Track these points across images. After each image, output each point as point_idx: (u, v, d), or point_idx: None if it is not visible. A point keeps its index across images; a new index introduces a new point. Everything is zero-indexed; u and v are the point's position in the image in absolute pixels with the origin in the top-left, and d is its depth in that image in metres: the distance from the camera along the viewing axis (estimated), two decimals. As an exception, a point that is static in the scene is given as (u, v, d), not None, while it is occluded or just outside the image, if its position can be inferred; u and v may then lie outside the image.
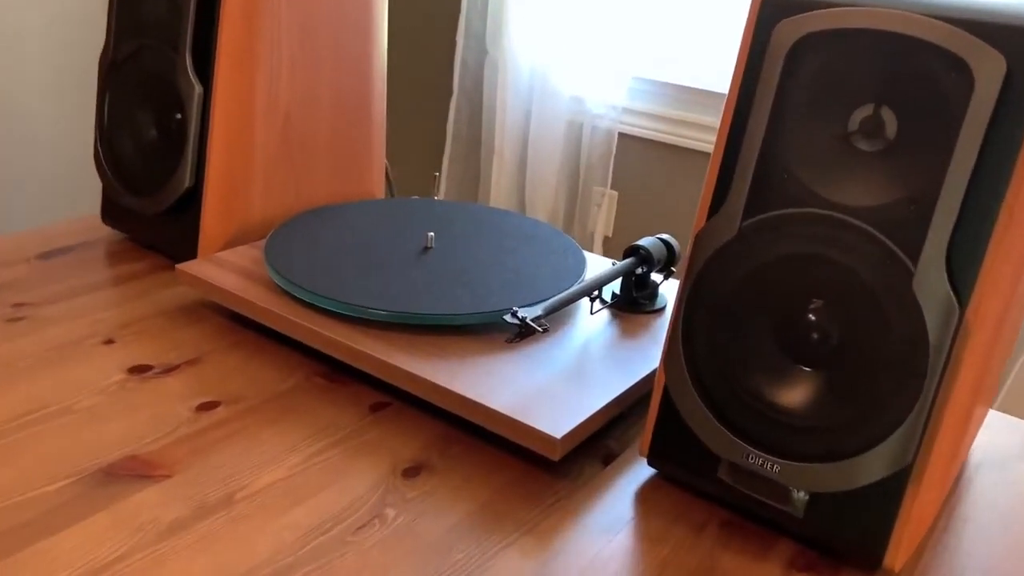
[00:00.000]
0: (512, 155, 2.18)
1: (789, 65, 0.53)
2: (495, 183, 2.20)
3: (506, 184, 2.20)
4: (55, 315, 0.79)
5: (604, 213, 2.14)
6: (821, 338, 0.56)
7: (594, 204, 2.15)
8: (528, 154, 2.15)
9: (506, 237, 0.88)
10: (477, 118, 2.25)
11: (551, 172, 2.14)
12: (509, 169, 2.19)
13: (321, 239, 0.84)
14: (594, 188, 2.13)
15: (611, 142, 2.06)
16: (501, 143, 2.16)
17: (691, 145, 2.00)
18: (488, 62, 2.15)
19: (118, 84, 0.92)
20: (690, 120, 1.98)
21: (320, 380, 0.73)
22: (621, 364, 0.70)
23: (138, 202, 0.91)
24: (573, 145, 2.12)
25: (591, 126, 2.07)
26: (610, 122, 2.04)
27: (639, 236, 2.14)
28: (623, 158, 2.10)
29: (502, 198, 2.22)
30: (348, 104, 0.97)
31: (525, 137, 2.16)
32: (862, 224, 0.52)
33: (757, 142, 0.55)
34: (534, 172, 2.15)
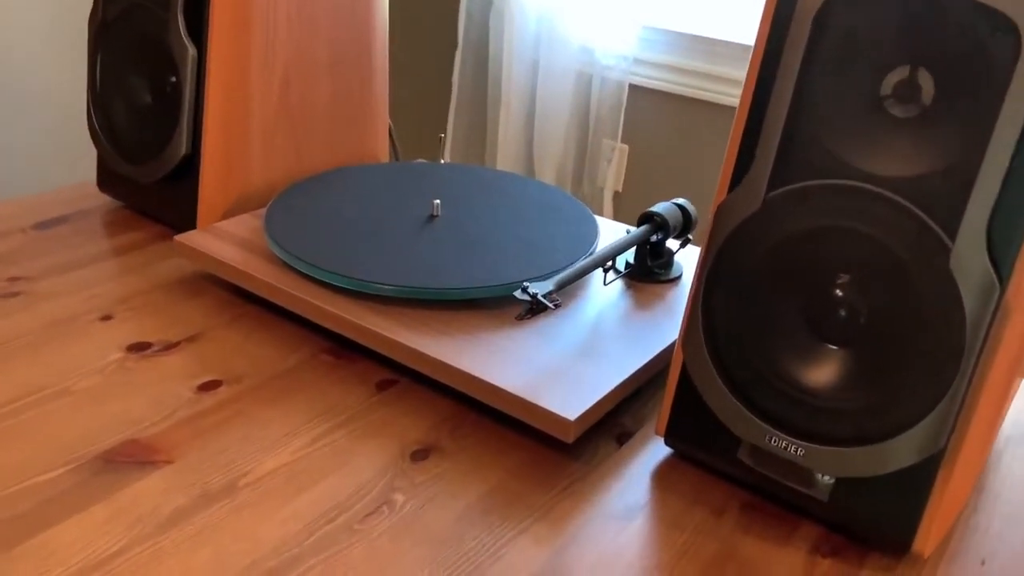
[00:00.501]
0: (519, 109, 2.13)
1: (818, 26, 0.50)
2: (502, 138, 2.16)
3: (513, 138, 2.15)
4: (51, 289, 0.77)
5: (614, 168, 2.10)
6: (849, 315, 0.53)
7: (604, 158, 2.10)
8: (536, 107, 2.10)
9: (515, 203, 0.85)
10: (483, 71, 2.19)
11: (559, 126, 2.09)
12: (516, 123, 2.14)
13: (322, 207, 0.81)
14: (604, 141, 2.08)
15: (621, 94, 2.01)
16: (508, 96, 2.11)
17: (704, 96, 1.94)
18: (494, 12, 2.09)
19: (109, 46, 0.88)
20: (703, 71, 1.93)
21: (326, 357, 0.70)
22: (636, 339, 0.68)
23: (134, 170, 0.88)
24: (582, 97, 2.07)
25: (601, 77, 2.01)
26: (620, 73, 1.98)
27: (650, 191, 2.10)
28: (634, 110, 2.05)
29: (509, 153, 2.17)
30: (348, 62, 0.93)
31: (532, 90, 2.11)
32: (895, 196, 0.49)
33: (783, 109, 0.51)
34: (542, 126, 2.10)
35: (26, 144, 2.14)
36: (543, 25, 2.04)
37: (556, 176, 2.14)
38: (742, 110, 0.53)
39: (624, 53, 1.96)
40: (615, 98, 2.02)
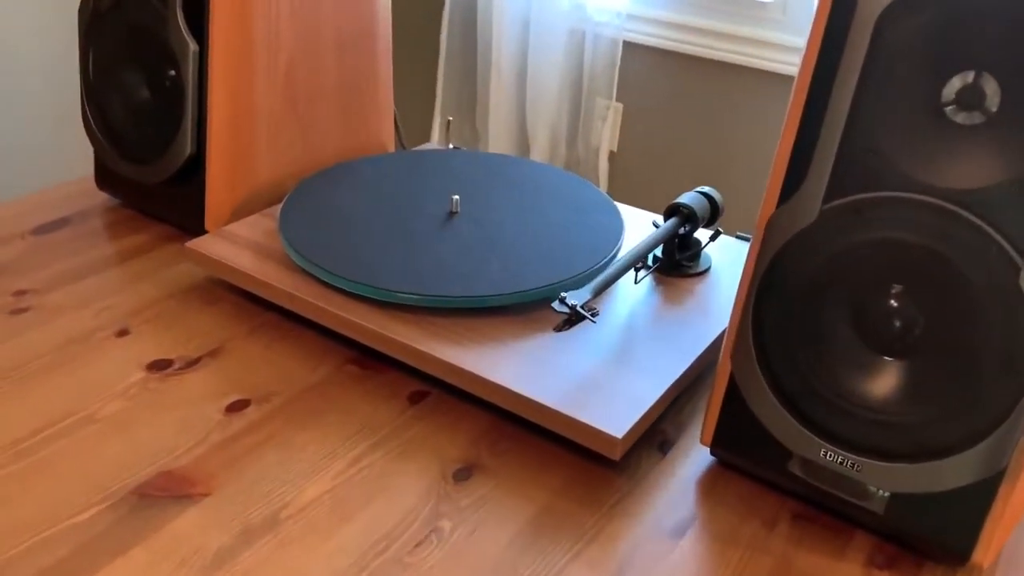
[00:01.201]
0: (510, 69, 2.08)
1: (877, 34, 0.47)
2: (493, 99, 2.11)
3: (505, 99, 2.11)
4: (61, 303, 0.74)
5: (609, 127, 2.06)
6: (906, 326, 0.51)
7: (598, 118, 2.06)
8: (528, 67, 2.05)
9: (533, 193, 0.83)
10: (471, 29, 2.14)
11: (552, 86, 2.04)
12: (508, 82, 2.09)
13: (336, 206, 0.78)
14: (598, 100, 2.04)
15: (615, 51, 1.96)
16: (498, 56, 2.06)
17: (700, 53, 1.90)
18: (482, -31, 2.03)
19: (101, 39, 0.84)
20: (699, 26, 1.88)
21: (352, 368, 0.68)
22: (672, 341, 0.66)
23: (136, 170, 0.84)
24: (575, 56, 2.02)
25: (594, 34, 1.97)
26: (614, 30, 1.94)
27: (646, 151, 2.07)
28: (628, 68, 2.01)
29: (501, 113, 2.13)
30: (353, 46, 0.89)
31: (524, 48, 2.06)
32: (959, 210, 0.47)
33: (841, 120, 0.49)
34: (534, 85, 2.06)
35: (18, 134, 2.06)
36: (533, -18, 1.98)
37: (550, 137, 2.10)
38: (792, 119, 0.51)
39: (617, 9, 1.91)
40: (609, 56, 1.97)
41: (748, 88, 1.89)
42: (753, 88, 1.88)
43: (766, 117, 1.88)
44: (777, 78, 1.84)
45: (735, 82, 1.90)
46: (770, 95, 1.86)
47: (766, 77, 1.86)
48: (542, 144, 2.11)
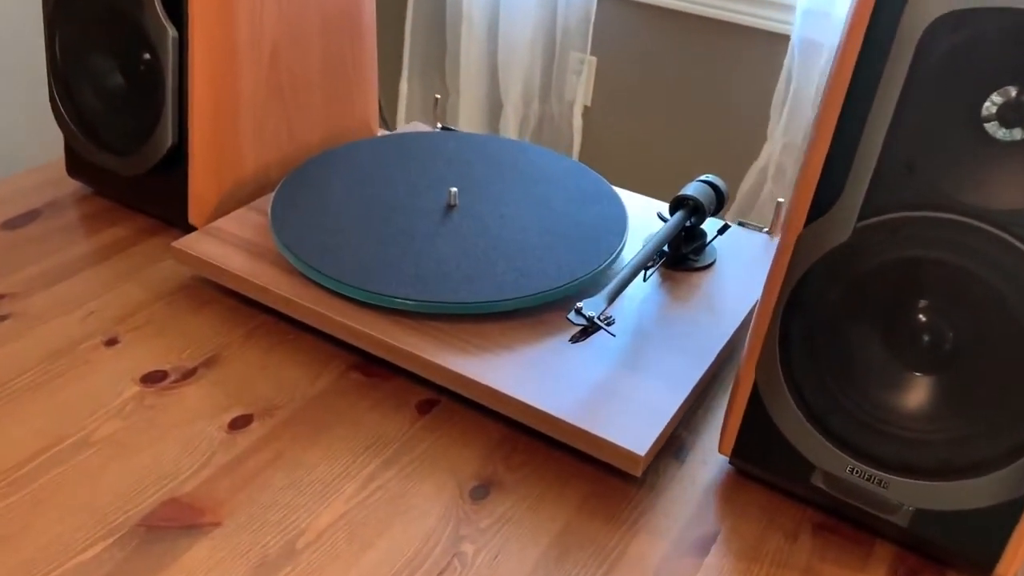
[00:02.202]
0: (481, 20, 2.01)
1: (922, 46, 0.45)
2: (464, 53, 2.05)
3: (476, 54, 2.05)
4: (42, 308, 0.71)
5: (583, 81, 2.02)
6: (936, 342, 0.50)
7: (572, 72, 2.02)
8: (499, 19, 1.99)
9: (531, 181, 0.80)
10: (441, -19, 2.06)
11: (524, 38, 1.99)
12: (479, 35, 2.03)
13: (329, 201, 0.75)
14: (572, 54, 1.99)
15: (590, 5, 1.91)
16: (469, 7, 2.00)
17: (677, 6, 1.86)
18: (450, -82, 1.95)
19: (68, 20, 0.79)
20: (675, -21, 1.84)
21: (355, 375, 0.66)
22: (684, 343, 0.65)
23: (113, 161, 0.80)
24: (548, 8, 1.97)
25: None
26: (588, -17, 1.88)
27: (620, 105, 2.04)
28: (602, 21, 1.96)
29: (472, 67, 2.07)
30: (338, 25, 0.85)
31: (495, 2, 2.00)
32: (998, 231, 0.46)
33: (881, 133, 0.47)
34: (506, 40, 2.00)
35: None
36: (504, -69, 1.91)
37: (523, 91, 2.05)
38: (823, 132, 0.49)
39: (592, -39, 1.85)
40: (583, 9, 1.92)
41: (725, 43, 1.85)
42: (730, 43, 1.85)
43: (743, 72, 1.86)
44: (755, 33, 1.81)
45: (712, 37, 1.86)
46: (748, 51, 1.83)
47: (744, 32, 1.83)
48: (515, 98, 2.06)
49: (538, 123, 2.11)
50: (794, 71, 1.71)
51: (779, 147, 1.78)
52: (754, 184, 1.84)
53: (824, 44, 1.66)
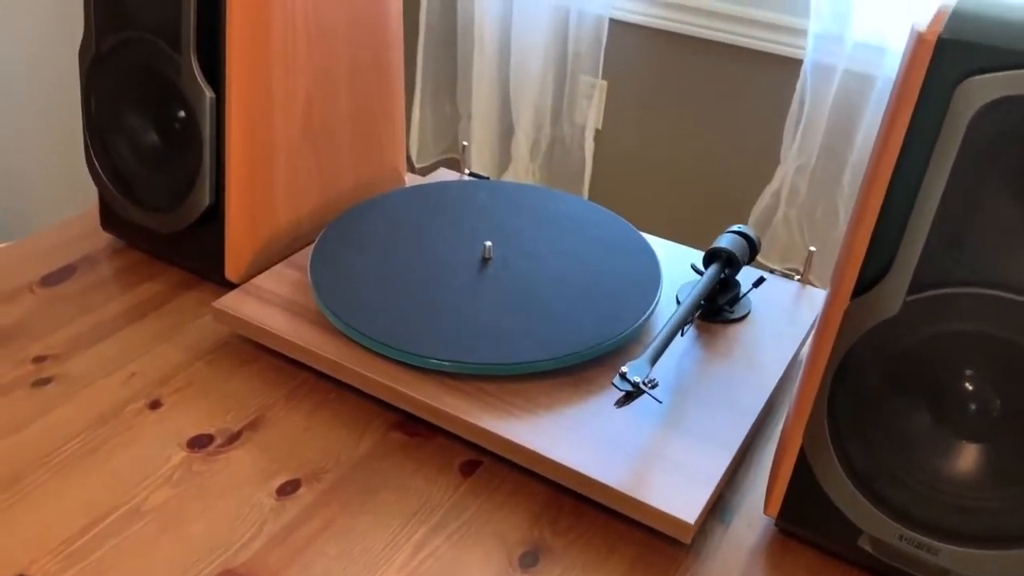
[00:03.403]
0: (493, 45, 2.02)
1: (971, 131, 0.46)
2: (476, 76, 2.06)
3: (488, 77, 2.06)
4: (84, 371, 0.71)
5: (595, 105, 2.03)
6: (985, 411, 0.51)
7: (583, 96, 2.03)
8: (511, 43, 2.00)
9: (563, 231, 0.81)
10: (451, 8, 2.07)
11: (536, 63, 2.00)
12: (490, 59, 2.04)
13: (367, 255, 0.76)
14: (582, 78, 2.00)
15: (601, 29, 1.92)
16: (481, 33, 2.01)
17: (688, 31, 1.87)
18: (461, -55, 1.96)
19: (105, 81, 0.79)
20: (687, 4, 1.85)
21: (398, 435, 0.67)
22: (725, 401, 0.66)
23: (149, 218, 0.81)
24: (559, 34, 1.98)
25: (578, 12, 1.92)
26: (600, 7, 1.89)
27: (631, 128, 2.04)
28: (613, 45, 1.97)
29: (484, 91, 2.08)
30: (367, 71, 0.85)
31: (507, 25, 2.01)
32: (1049, 307, 0.47)
33: (930, 212, 0.48)
34: (518, 64, 2.01)
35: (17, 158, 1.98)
36: (515, -42, 1.92)
37: (534, 114, 2.06)
38: (869, 206, 0.50)
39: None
40: (594, 34, 1.93)
41: (736, 67, 1.86)
42: (742, 67, 1.86)
43: (755, 96, 1.86)
44: (767, 57, 1.82)
45: (723, 61, 1.87)
46: (759, 74, 1.84)
47: (755, 56, 1.84)
48: (526, 122, 2.07)
49: (549, 146, 2.12)
50: (807, 95, 1.72)
51: (792, 169, 1.79)
52: (767, 207, 1.85)
53: (837, 68, 1.67)
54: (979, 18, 0.46)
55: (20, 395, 0.69)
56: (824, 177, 1.77)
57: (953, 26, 0.46)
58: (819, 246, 1.83)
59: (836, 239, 1.79)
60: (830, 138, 1.74)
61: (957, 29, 0.46)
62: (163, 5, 0.73)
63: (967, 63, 0.45)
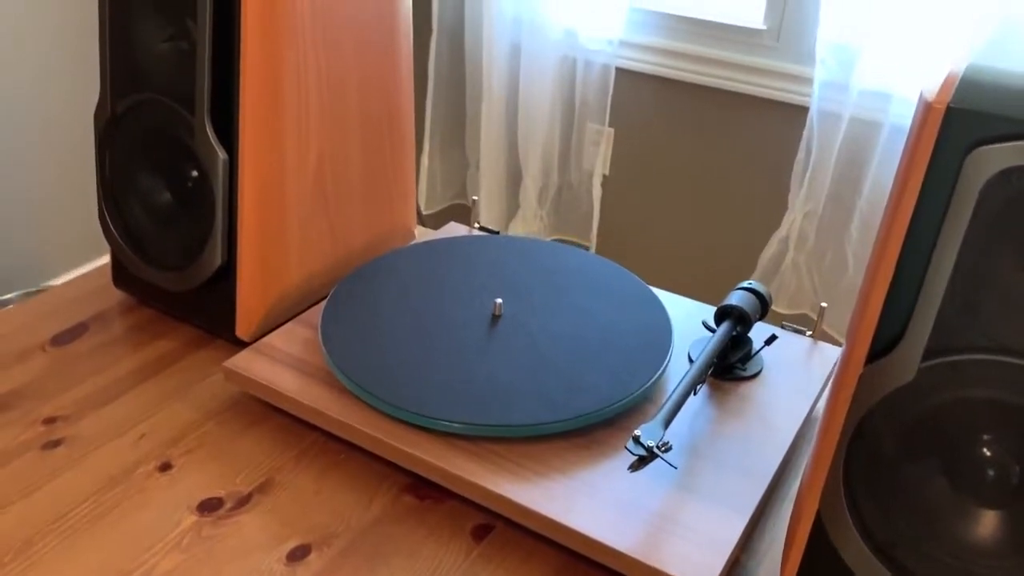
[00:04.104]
0: (501, 94, 2.05)
1: (983, 199, 0.46)
2: (484, 124, 2.08)
3: (496, 125, 2.08)
4: (94, 432, 0.71)
5: (602, 151, 2.05)
6: (1004, 477, 0.50)
7: (590, 142, 2.04)
8: (519, 92, 2.03)
9: (573, 286, 0.81)
10: (459, 57, 2.10)
11: (544, 110, 2.02)
12: (498, 107, 2.07)
13: (377, 314, 0.76)
14: (589, 125, 2.02)
15: (608, 78, 1.94)
16: (489, 82, 2.03)
17: (693, 79, 1.89)
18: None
19: (119, 141, 0.80)
20: (692, 53, 1.87)
21: (409, 499, 0.66)
22: (741, 463, 0.65)
23: (162, 277, 0.81)
24: (566, 82, 2.00)
25: (585, 61, 1.94)
26: (607, 57, 1.91)
27: (638, 174, 2.06)
28: (620, 94, 1.99)
29: (492, 138, 2.10)
30: (378, 129, 0.86)
31: (515, 74, 2.03)
32: (1066, 375, 0.46)
33: (943, 279, 0.48)
34: (526, 110, 2.03)
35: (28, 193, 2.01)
36: (522, 8, 1.95)
37: (542, 161, 2.08)
38: (882, 271, 0.50)
39: (610, 37, 1.89)
40: (601, 82, 1.95)
41: (742, 115, 1.88)
42: (748, 115, 1.87)
43: (762, 143, 1.88)
44: (769, 104, 1.84)
45: (727, 108, 1.89)
46: (766, 122, 1.86)
47: (758, 103, 1.85)
48: (534, 169, 2.09)
49: (557, 192, 2.13)
50: (814, 142, 1.73)
51: (800, 216, 1.80)
52: (776, 253, 1.85)
53: (843, 115, 1.68)
54: (988, 86, 0.46)
55: (31, 458, 0.68)
56: (832, 223, 1.77)
57: (962, 94, 0.46)
58: (829, 293, 1.82)
59: (845, 286, 1.79)
60: (838, 185, 1.75)
61: (966, 98, 0.46)
62: (178, 68, 0.74)
63: (977, 132, 0.45)
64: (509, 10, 1.96)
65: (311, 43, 0.75)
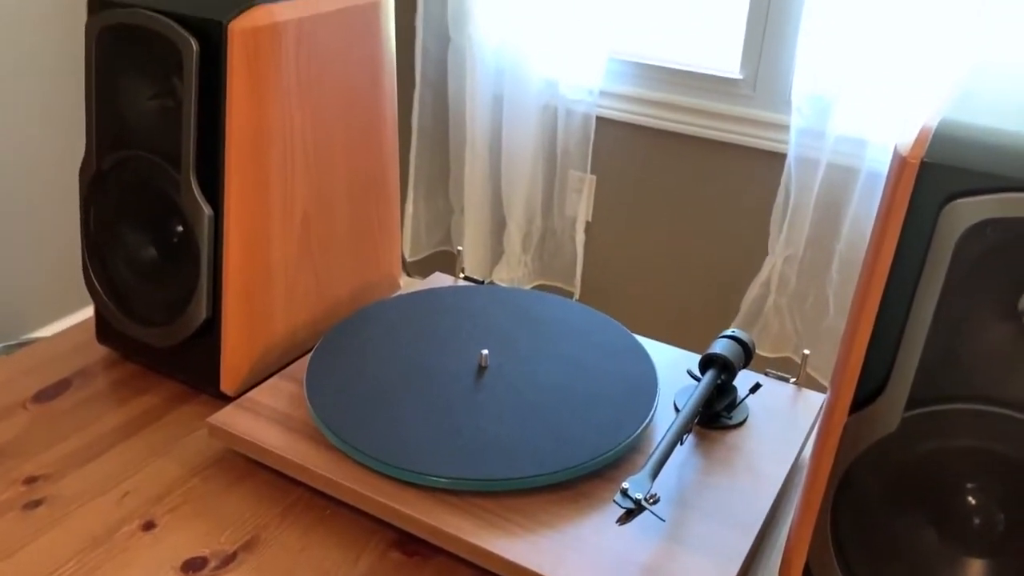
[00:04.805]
0: (484, 144, 2.07)
1: (958, 251, 0.47)
2: (468, 174, 2.10)
3: (480, 174, 2.10)
4: (76, 491, 0.70)
5: (584, 198, 2.07)
6: (989, 526, 0.51)
7: (573, 190, 2.07)
8: (502, 141, 2.05)
9: (558, 336, 0.81)
10: (443, 108, 2.13)
11: (526, 158, 2.04)
12: (482, 157, 2.09)
13: (363, 366, 0.76)
14: (571, 173, 2.05)
15: (588, 127, 1.97)
16: (472, 132, 2.06)
17: (672, 128, 1.92)
18: (452, 48, 2.02)
19: (104, 197, 0.81)
20: (671, 102, 1.90)
21: (396, 555, 0.66)
22: (729, 513, 0.65)
23: (146, 332, 0.81)
24: (548, 131, 2.03)
25: (566, 110, 1.97)
26: (587, 106, 1.94)
27: (620, 220, 2.07)
28: (601, 142, 2.01)
29: (476, 186, 2.12)
30: (364, 185, 0.87)
31: (497, 124, 2.06)
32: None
33: (923, 330, 0.48)
34: (509, 161, 2.05)
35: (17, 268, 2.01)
36: (504, 61, 1.99)
37: (526, 208, 2.10)
38: (862, 323, 0.50)
39: (590, 86, 1.92)
40: (582, 131, 1.98)
41: (721, 162, 1.91)
42: (727, 162, 1.90)
43: (741, 189, 1.90)
44: (747, 151, 1.87)
45: (706, 155, 1.92)
46: (744, 168, 1.88)
47: (737, 150, 1.88)
48: (518, 215, 2.10)
49: (541, 238, 2.15)
50: (792, 187, 1.75)
51: (781, 260, 1.82)
52: (758, 296, 1.87)
53: (820, 161, 1.71)
54: (961, 140, 0.47)
55: (12, 518, 0.67)
56: (813, 267, 1.79)
57: (935, 149, 0.47)
58: (811, 335, 1.84)
59: (827, 328, 1.81)
60: (817, 229, 1.77)
61: (939, 152, 0.47)
62: (164, 125, 0.75)
63: (951, 186, 0.47)
64: (491, 62, 1.99)
65: (296, 100, 0.76)
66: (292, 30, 0.74)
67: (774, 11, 1.77)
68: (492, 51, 1.99)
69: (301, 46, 0.75)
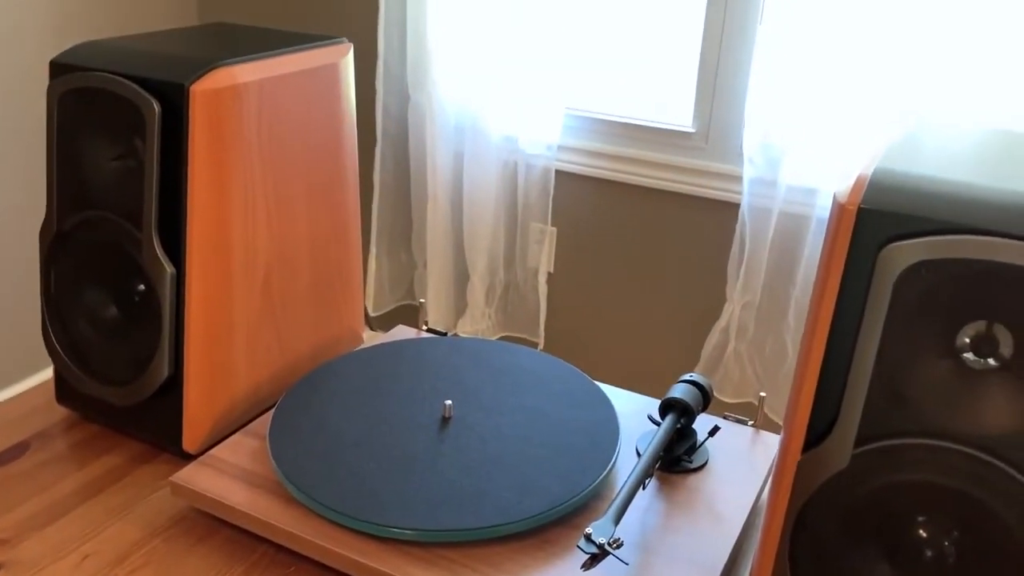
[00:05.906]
0: (446, 198, 2.10)
1: (897, 292, 0.49)
2: (431, 227, 2.12)
3: (442, 227, 2.12)
4: (36, 555, 0.69)
5: (546, 250, 2.10)
6: (940, 559, 0.52)
7: (534, 241, 2.09)
8: (463, 195, 2.08)
9: (521, 386, 0.82)
10: (404, 165, 2.15)
11: (487, 213, 2.07)
12: (444, 212, 2.11)
13: (326, 421, 0.76)
14: (532, 225, 2.08)
15: (548, 180, 2.01)
16: (434, 188, 2.08)
17: (629, 180, 1.96)
18: (412, 106, 2.06)
19: (65, 258, 0.81)
20: (627, 155, 1.95)
21: (363, 609, 0.65)
22: (691, 556, 0.66)
23: (107, 391, 0.80)
24: (509, 185, 2.06)
25: (526, 164, 2.01)
26: (546, 160, 1.98)
27: (581, 270, 2.10)
28: (561, 194, 2.05)
29: (438, 239, 2.14)
30: (327, 242, 0.88)
31: (458, 180, 2.09)
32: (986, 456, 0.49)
33: (868, 368, 0.50)
34: (470, 215, 2.08)
35: None
36: (464, 118, 2.02)
37: (488, 260, 2.12)
38: (810, 365, 0.52)
39: (548, 141, 1.96)
40: (542, 184, 2.02)
41: (677, 212, 1.95)
42: (682, 212, 1.94)
43: (697, 238, 1.94)
44: (702, 201, 1.92)
45: (662, 206, 1.96)
46: (699, 218, 1.93)
47: (692, 201, 1.93)
48: (481, 268, 2.12)
49: (504, 290, 2.16)
50: (746, 236, 1.80)
51: (739, 307, 1.85)
52: (718, 343, 1.89)
53: (772, 210, 1.76)
54: (895, 187, 0.50)
55: (-34, 586, 0.66)
56: (770, 313, 1.83)
57: (871, 195, 0.50)
58: (771, 380, 1.86)
59: (786, 372, 1.84)
60: (772, 276, 1.81)
61: (875, 199, 0.50)
62: (126, 185, 0.76)
63: (888, 230, 0.49)
64: (451, 119, 2.03)
65: (258, 160, 0.78)
66: (253, 91, 0.76)
67: (723, 65, 1.83)
68: (451, 108, 2.02)
69: (263, 107, 0.77)
